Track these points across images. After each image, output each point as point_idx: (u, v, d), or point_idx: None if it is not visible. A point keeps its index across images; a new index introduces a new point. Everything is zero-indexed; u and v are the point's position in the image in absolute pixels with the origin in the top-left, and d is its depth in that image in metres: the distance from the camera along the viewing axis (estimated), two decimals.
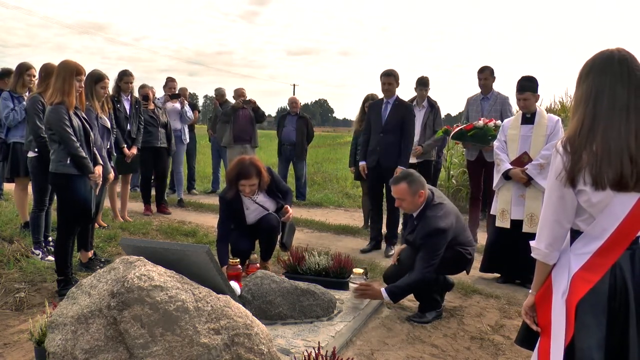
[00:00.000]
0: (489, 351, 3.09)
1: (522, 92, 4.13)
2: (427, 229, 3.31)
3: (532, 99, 4.16)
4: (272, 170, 4.28)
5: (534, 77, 4.20)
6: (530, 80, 4.16)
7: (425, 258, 3.29)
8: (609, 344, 1.57)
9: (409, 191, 3.38)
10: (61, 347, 2.12)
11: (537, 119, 4.17)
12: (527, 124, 4.22)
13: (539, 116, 4.18)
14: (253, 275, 3.31)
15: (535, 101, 4.20)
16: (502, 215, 4.31)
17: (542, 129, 4.13)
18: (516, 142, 4.25)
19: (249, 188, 3.97)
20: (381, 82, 5.20)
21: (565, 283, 1.65)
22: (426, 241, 3.31)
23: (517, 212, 4.23)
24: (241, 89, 7.87)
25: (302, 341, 2.88)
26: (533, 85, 4.15)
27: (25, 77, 4.82)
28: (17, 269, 4.14)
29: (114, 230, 5.47)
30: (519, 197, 4.23)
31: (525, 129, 4.21)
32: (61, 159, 3.59)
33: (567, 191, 1.62)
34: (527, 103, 4.15)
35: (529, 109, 4.19)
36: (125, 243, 2.77)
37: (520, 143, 4.22)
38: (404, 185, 3.38)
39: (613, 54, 1.62)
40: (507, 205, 4.27)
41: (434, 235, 3.30)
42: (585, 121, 1.60)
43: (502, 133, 4.41)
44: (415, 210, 3.45)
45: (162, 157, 6.64)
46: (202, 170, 11.09)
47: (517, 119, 4.33)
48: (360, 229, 6.24)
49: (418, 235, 3.36)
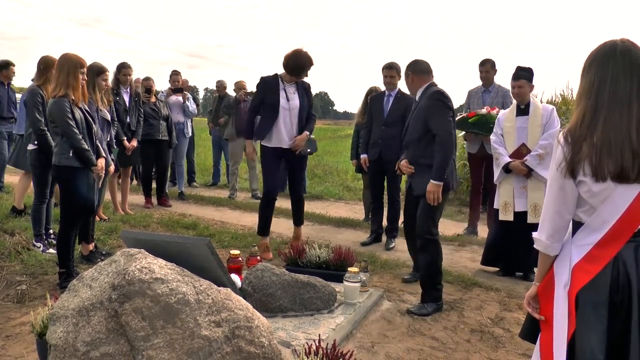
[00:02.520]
0: (489, 344, 3.10)
1: (517, 80, 4.19)
2: (431, 95, 3.52)
3: (527, 88, 4.19)
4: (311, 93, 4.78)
5: (531, 67, 4.25)
6: (526, 70, 4.22)
7: (440, 121, 3.44)
8: (611, 338, 1.56)
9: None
10: (62, 340, 2.12)
11: (532, 110, 4.19)
12: (522, 115, 4.23)
13: (533, 107, 4.20)
14: (254, 268, 3.31)
15: (529, 91, 4.23)
16: (505, 208, 4.30)
17: (538, 119, 4.14)
18: (513, 134, 4.25)
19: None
20: (383, 75, 5.18)
21: (566, 275, 1.64)
22: (433, 103, 3.48)
23: (520, 204, 4.22)
24: (242, 82, 7.84)
25: (302, 334, 2.89)
26: (528, 74, 4.20)
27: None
28: (18, 261, 4.15)
29: (115, 222, 5.48)
30: (520, 189, 4.22)
31: (521, 121, 4.22)
32: (64, 152, 3.59)
33: (568, 182, 1.62)
34: (522, 91, 4.17)
35: (522, 98, 4.20)
36: (126, 236, 2.77)
37: (517, 135, 4.23)
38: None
39: (616, 45, 1.60)
40: (510, 198, 4.26)
41: (439, 97, 3.49)
42: (586, 113, 1.59)
43: (497, 126, 4.41)
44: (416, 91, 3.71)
45: (164, 150, 6.63)
46: (202, 163, 11.08)
47: (511, 111, 4.33)
48: (360, 222, 6.24)
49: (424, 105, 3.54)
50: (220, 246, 4.85)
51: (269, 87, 4.56)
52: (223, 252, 4.28)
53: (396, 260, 4.63)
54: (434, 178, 3.41)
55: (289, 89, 4.61)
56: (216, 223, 5.99)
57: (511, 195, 4.25)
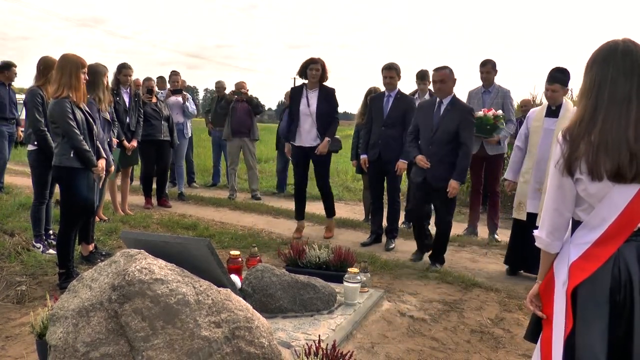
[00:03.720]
0: (489, 344, 3.10)
1: (552, 83, 4.03)
2: (466, 108, 4.37)
3: (561, 92, 4.06)
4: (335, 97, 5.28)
5: (567, 70, 4.07)
6: (563, 72, 4.04)
7: (467, 137, 4.25)
8: (612, 337, 1.56)
9: (449, 76, 4.30)
10: (62, 340, 2.12)
11: (562, 112, 4.06)
12: (551, 116, 4.13)
13: (564, 109, 4.08)
14: (254, 268, 3.31)
15: (563, 94, 4.11)
16: (519, 207, 4.31)
17: (567, 122, 4.07)
18: (539, 134, 4.17)
19: (314, 71, 5.09)
20: (382, 76, 5.18)
21: (565, 273, 1.65)
22: (467, 118, 4.26)
23: (532, 206, 4.21)
24: (242, 82, 7.84)
25: (302, 334, 2.89)
26: (564, 78, 4.03)
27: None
28: (18, 262, 4.15)
29: (115, 223, 5.48)
30: (536, 191, 4.19)
31: (549, 122, 4.13)
32: (65, 153, 3.59)
33: (566, 180, 1.62)
34: (555, 95, 4.05)
35: (555, 101, 4.09)
36: (126, 236, 2.77)
37: (542, 135, 4.15)
38: (447, 70, 4.32)
39: (617, 45, 1.61)
40: (524, 197, 4.26)
41: (471, 113, 4.37)
42: (586, 112, 1.60)
43: (525, 126, 4.35)
44: (448, 96, 4.32)
45: (165, 150, 6.63)
46: (202, 163, 11.08)
47: (541, 110, 4.24)
48: (360, 223, 6.24)
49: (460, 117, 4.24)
50: (220, 247, 4.85)
51: (295, 95, 5.31)
52: (223, 253, 4.28)
53: (396, 261, 4.63)
54: (456, 178, 4.23)
55: (311, 95, 5.21)
56: (216, 224, 5.99)
57: (525, 195, 4.25)
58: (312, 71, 5.12)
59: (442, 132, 4.27)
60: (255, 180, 7.91)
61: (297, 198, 5.60)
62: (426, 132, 4.40)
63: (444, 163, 4.26)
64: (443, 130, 4.28)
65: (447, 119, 4.27)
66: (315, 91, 5.19)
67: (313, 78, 5.14)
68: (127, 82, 5.94)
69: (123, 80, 5.90)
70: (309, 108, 5.18)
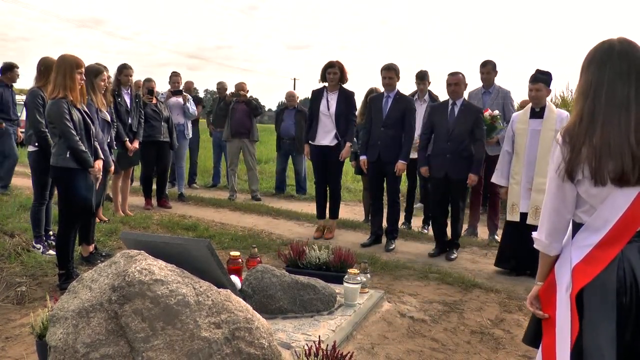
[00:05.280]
0: (489, 345, 3.10)
1: (535, 83, 4.19)
2: (477, 108, 4.88)
3: (544, 92, 4.21)
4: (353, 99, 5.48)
5: (549, 72, 4.25)
6: (545, 74, 4.23)
7: (481, 134, 4.76)
8: (621, 341, 1.53)
9: (462, 80, 4.77)
10: (62, 341, 2.12)
11: (547, 113, 4.21)
12: (536, 118, 4.25)
13: (548, 110, 4.22)
14: (254, 269, 3.31)
15: (546, 95, 4.27)
16: (512, 209, 4.36)
17: (552, 123, 4.16)
18: (525, 136, 4.29)
19: (332, 75, 5.29)
20: (382, 76, 5.19)
21: (567, 277, 1.63)
22: (479, 117, 4.78)
23: (524, 205, 4.28)
24: (242, 83, 7.85)
25: (302, 335, 2.89)
26: (547, 78, 4.21)
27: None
28: (18, 263, 4.15)
29: (115, 224, 5.48)
30: (527, 190, 4.26)
31: (535, 123, 4.25)
32: (62, 153, 3.59)
33: (566, 183, 1.61)
34: (539, 94, 4.19)
35: (539, 101, 4.23)
36: (126, 237, 2.77)
37: (529, 138, 4.27)
38: (460, 75, 4.79)
39: (613, 45, 1.59)
40: (517, 199, 4.32)
41: (481, 112, 4.89)
42: (584, 116, 1.59)
43: (510, 129, 4.45)
44: (460, 98, 4.80)
45: (165, 152, 6.64)
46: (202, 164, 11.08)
47: (525, 113, 4.35)
48: (360, 223, 6.24)
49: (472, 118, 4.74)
50: (220, 247, 4.85)
51: (315, 97, 5.51)
52: (223, 254, 4.28)
53: (396, 262, 4.63)
54: (474, 172, 4.77)
55: (331, 97, 5.41)
56: (216, 224, 5.99)
57: (518, 196, 4.29)
58: (330, 75, 5.33)
59: (459, 131, 4.73)
60: (255, 181, 7.91)
61: (318, 196, 5.69)
62: (442, 131, 4.83)
63: (463, 158, 4.75)
64: (459, 129, 4.74)
65: (462, 118, 4.74)
66: (335, 93, 5.38)
67: (332, 81, 5.35)
68: (128, 82, 5.94)
69: (124, 81, 5.90)
70: (329, 110, 5.38)
